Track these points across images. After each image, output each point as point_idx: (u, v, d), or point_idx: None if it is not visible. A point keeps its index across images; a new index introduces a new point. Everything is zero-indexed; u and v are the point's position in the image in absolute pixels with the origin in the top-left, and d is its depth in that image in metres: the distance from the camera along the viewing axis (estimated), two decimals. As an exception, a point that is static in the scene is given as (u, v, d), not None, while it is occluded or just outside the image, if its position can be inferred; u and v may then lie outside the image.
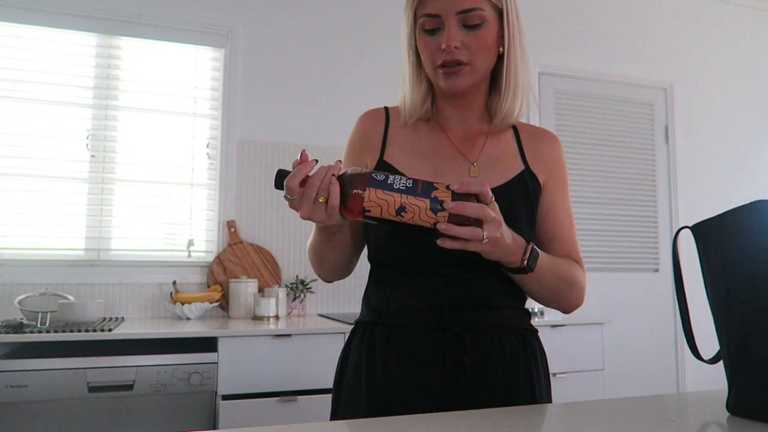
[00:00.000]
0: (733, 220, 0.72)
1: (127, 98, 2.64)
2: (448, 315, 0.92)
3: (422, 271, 0.93)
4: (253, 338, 2.05)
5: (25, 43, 2.52)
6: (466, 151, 1.00)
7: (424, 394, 0.89)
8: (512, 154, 1.02)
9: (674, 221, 3.46)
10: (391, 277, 0.97)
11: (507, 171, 0.99)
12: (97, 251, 2.53)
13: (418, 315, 0.92)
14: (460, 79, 0.93)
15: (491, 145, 1.01)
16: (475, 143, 1.01)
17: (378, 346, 0.94)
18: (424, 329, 0.92)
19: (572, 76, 3.37)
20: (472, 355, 0.90)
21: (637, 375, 3.28)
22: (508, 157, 1.01)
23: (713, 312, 0.76)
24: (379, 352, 0.93)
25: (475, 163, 0.99)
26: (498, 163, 1.00)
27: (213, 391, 1.99)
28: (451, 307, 0.92)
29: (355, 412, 0.93)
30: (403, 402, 0.89)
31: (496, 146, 1.01)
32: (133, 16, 2.63)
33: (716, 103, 3.69)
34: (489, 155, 1.00)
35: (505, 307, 0.96)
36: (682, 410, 0.82)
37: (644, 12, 3.59)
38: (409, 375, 0.90)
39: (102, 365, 1.88)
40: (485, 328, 0.93)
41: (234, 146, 2.72)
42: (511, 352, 0.94)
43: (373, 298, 0.99)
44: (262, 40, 2.82)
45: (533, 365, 0.96)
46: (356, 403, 0.94)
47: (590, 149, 3.35)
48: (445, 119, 1.03)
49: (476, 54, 0.92)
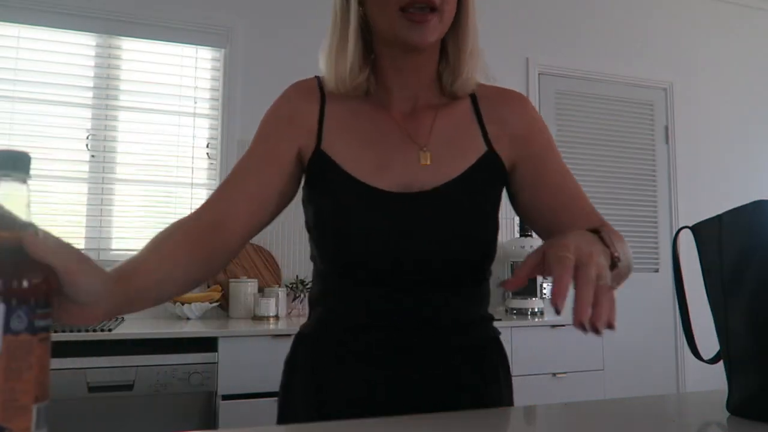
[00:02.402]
0: (733, 220, 0.72)
1: (127, 98, 2.64)
2: (395, 333, 0.81)
3: (376, 285, 0.81)
4: (253, 338, 2.05)
5: (25, 43, 2.52)
6: (413, 133, 0.84)
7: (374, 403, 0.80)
8: (470, 130, 0.86)
9: (674, 221, 3.46)
10: (342, 289, 0.83)
11: (466, 154, 0.84)
12: (97, 251, 2.53)
13: (368, 330, 0.82)
14: (429, 29, 0.76)
15: (443, 122, 0.85)
16: (423, 121, 0.85)
17: (325, 358, 0.84)
18: (374, 345, 0.81)
19: (572, 76, 3.37)
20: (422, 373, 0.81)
21: (637, 375, 3.28)
22: (465, 136, 0.85)
23: (713, 312, 0.76)
24: (326, 365, 0.84)
25: (425, 147, 0.83)
26: (453, 144, 0.84)
27: (213, 391, 1.98)
28: (399, 325, 0.81)
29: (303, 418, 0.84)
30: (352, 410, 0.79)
31: (448, 123, 0.86)
32: (133, 16, 2.63)
33: (716, 103, 3.69)
34: (442, 136, 0.84)
35: (460, 323, 0.85)
36: (682, 410, 0.82)
37: (644, 12, 3.59)
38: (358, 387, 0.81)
39: (102, 365, 1.88)
40: (436, 347, 0.82)
41: (234, 146, 2.72)
42: (464, 365, 0.84)
43: (322, 308, 0.87)
44: (262, 40, 2.82)
45: (492, 373, 0.87)
46: (306, 414, 0.84)
47: (590, 149, 3.35)
48: (387, 92, 0.86)
49: (447, 0, 0.77)
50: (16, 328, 0.46)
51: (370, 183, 0.80)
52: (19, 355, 0.46)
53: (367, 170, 0.81)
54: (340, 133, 0.84)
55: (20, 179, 0.50)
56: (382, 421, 0.69)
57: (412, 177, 0.81)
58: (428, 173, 0.81)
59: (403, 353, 0.81)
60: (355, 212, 0.79)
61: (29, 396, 0.47)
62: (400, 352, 0.81)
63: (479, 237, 0.82)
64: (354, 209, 0.79)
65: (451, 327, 0.83)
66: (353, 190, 0.80)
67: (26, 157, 0.50)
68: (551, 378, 2.49)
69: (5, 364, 0.46)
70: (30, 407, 0.47)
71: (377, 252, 0.79)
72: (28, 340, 0.47)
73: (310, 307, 0.90)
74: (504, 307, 3.01)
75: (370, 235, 0.79)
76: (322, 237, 0.82)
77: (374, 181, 0.80)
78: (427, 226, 0.79)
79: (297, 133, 0.84)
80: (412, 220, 0.79)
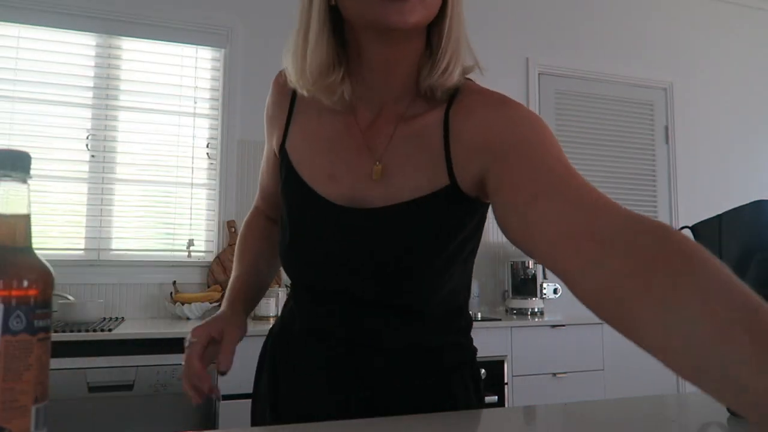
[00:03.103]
0: (733, 220, 0.72)
1: (127, 98, 2.64)
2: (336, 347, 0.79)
3: (319, 296, 0.80)
4: (253, 338, 2.04)
5: (25, 43, 2.52)
6: (371, 142, 0.76)
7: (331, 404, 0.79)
8: (432, 149, 0.73)
9: (674, 221, 3.46)
10: (295, 293, 0.87)
11: (421, 179, 0.73)
12: (97, 251, 2.53)
13: (312, 340, 0.82)
14: (409, 10, 0.64)
15: (404, 134, 0.75)
16: (384, 130, 0.76)
17: (283, 359, 0.87)
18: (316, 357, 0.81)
19: (572, 76, 3.37)
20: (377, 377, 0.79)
21: (637, 375, 3.27)
22: (425, 155, 0.73)
23: (713, 312, 0.76)
24: (285, 366, 0.86)
25: (379, 161, 0.75)
26: (410, 161, 0.74)
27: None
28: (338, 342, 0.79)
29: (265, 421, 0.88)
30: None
31: (410, 135, 0.75)
32: (133, 16, 2.63)
33: (716, 103, 3.69)
34: (399, 149, 0.75)
35: (412, 348, 0.80)
36: (682, 410, 0.82)
37: (644, 12, 3.59)
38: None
39: (102, 365, 1.88)
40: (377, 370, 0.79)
41: (234, 146, 2.72)
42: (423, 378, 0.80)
43: (286, 308, 0.92)
44: (262, 40, 2.82)
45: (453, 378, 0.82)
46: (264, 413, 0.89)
47: (590, 149, 3.35)
48: (356, 91, 0.76)
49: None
50: (15, 329, 0.46)
51: (321, 192, 0.76)
52: (18, 356, 0.46)
53: (319, 178, 0.77)
54: (302, 133, 0.81)
55: (20, 179, 0.50)
56: (379, 422, 0.69)
57: (361, 191, 0.75)
58: (377, 190, 0.74)
59: (343, 369, 0.79)
60: (302, 220, 0.78)
61: (29, 396, 0.47)
62: (340, 369, 0.79)
63: (418, 269, 0.73)
64: (302, 217, 0.78)
65: (391, 350, 0.78)
66: (304, 197, 0.78)
67: (26, 157, 0.50)
68: (551, 378, 2.49)
69: (4, 364, 0.46)
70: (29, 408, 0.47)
71: (318, 263, 0.76)
72: (27, 340, 0.47)
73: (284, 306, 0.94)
74: (504, 307, 3.01)
75: (313, 245, 0.76)
76: (281, 238, 0.82)
77: (324, 191, 0.76)
78: (369, 244, 0.74)
79: (274, 129, 0.87)
80: (352, 234, 0.74)
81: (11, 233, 0.49)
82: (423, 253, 0.73)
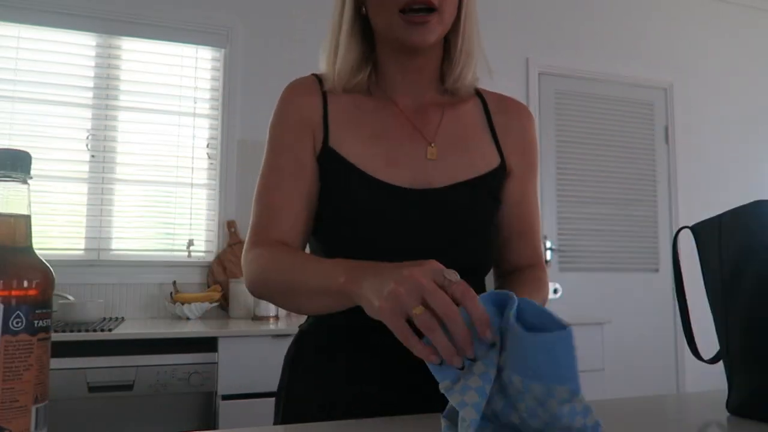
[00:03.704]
0: (733, 220, 0.72)
1: (127, 98, 2.64)
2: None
3: None
4: (253, 338, 2.04)
5: (25, 43, 2.52)
6: (421, 127, 0.85)
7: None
8: (481, 135, 0.87)
9: (674, 221, 3.46)
10: None
11: (475, 159, 0.85)
12: (97, 251, 2.53)
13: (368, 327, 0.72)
14: (428, 30, 0.77)
15: (450, 120, 0.87)
16: (431, 118, 0.86)
17: (327, 356, 0.83)
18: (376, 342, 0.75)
19: (572, 76, 3.37)
20: None
21: (637, 375, 3.28)
22: (475, 138, 0.87)
23: (713, 312, 0.76)
24: (328, 363, 0.83)
25: (433, 143, 0.84)
26: (461, 143, 0.85)
27: (213, 391, 1.98)
28: None
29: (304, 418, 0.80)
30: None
31: (456, 121, 0.87)
32: (133, 16, 2.63)
33: (716, 103, 3.69)
34: (449, 133, 0.85)
35: None
36: (682, 410, 0.82)
37: (644, 13, 3.59)
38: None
39: (102, 365, 1.88)
40: None
41: (234, 146, 2.72)
42: None
43: None
44: (262, 40, 2.82)
45: None
46: (308, 410, 0.82)
47: (590, 149, 3.35)
48: (391, 88, 0.86)
49: (446, 0, 0.78)
50: (15, 329, 0.46)
51: (381, 178, 0.80)
52: (18, 356, 0.46)
53: (377, 166, 0.80)
54: (346, 127, 0.83)
55: (20, 179, 0.50)
56: (382, 421, 0.69)
57: (420, 172, 0.81)
58: (436, 170, 0.82)
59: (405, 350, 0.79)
60: (368, 207, 0.79)
61: (29, 396, 0.47)
62: (402, 349, 0.79)
63: (481, 241, 0.83)
64: (366, 204, 0.79)
65: None
66: (365, 186, 0.79)
67: (26, 157, 0.50)
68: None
69: (4, 364, 0.46)
70: (29, 408, 0.47)
71: (387, 246, 0.78)
72: (27, 340, 0.47)
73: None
74: (504, 307, 3.01)
75: (383, 228, 0.78)
76: (333, 231, 0.81)
77: (385, 177, 0.80)
78: (437, 222, 0.79)
79: (309, 131, 0.83)
80: (422, 215, 0.79)
81: (11, 233, 0.49)
82: (481, 227, 0.83)
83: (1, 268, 0.47)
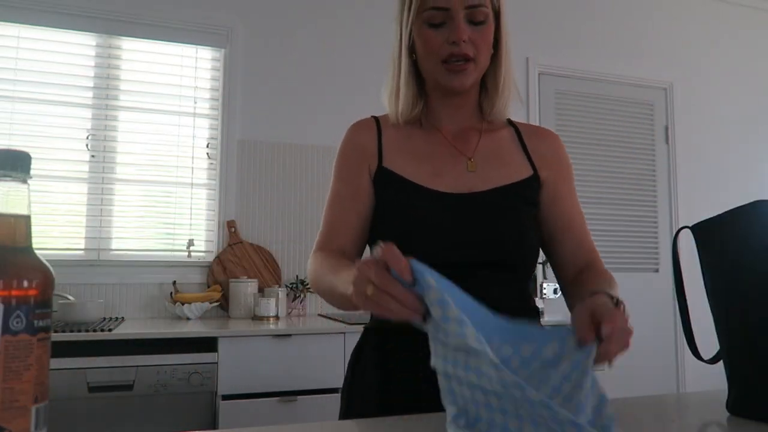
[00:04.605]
0: (733, 220, 0.72)
1: (127, 98, 2.64)
2: None
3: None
4: (253, 338, 2.04)
5: (25, 43, 2.52)
6: (461, 147, 1.00)
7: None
8: (514, 152, 1.02)
9: (674, 221, 3.46)
10: None
11: (510, 170, 0.99)
12: (97, 251, 2.53)
13: None
14: (466, 76, 0.94)
15: (487, 141, 1.02)
16: (470, 139, 1.02)
17: (388, 352, 0.93)
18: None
19: (572, 76, 3.37)
20: None
21: (637, 375, 3.28)
22: (509, 154, 1.01)
23: (713, 312, 0.76)
24: (389, 359, 0.93)
25: (472, 158, 0.99)
26: (497, 158, 1.00)
27: (213, 391, 1.99)
28: None
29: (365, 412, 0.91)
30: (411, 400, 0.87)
31: (492, 142, 1.02)
32: (133, 16, 2.63)
33: (716, 103, 3.69)
34: (486, 150, 1.00)
35: (517, 308, 0.90)
36: (682, 410, 0.82)
37: (644, 12, 3.59)
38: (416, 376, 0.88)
39: (102, 365, 1.88)
40: None
41: (234, 146, 2.72)
42: None
43: None
44: (262, 40, 2.82)
45: None
46: (367, 406, 0.93)
47: (590, 149, 3.35)
48: (437, 119, 1.03)
49: (481, 50, 0.94)
50: (15, 329, 0.46)
51: (429, 186, 0.94)
52: (18, 356, 0.46)
53: (424, 177, 0.96)
54: (398, 151, 1.00)
55: (20, 179, 0.50)
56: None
57: (461, 181, 0.96)
58: (476, 179, 0.96)
59: None
60: (418, 209, 0.93)
61: (29, 396, 0.47)
62: None
63: (517, 239, 0.93)
64: (417, 207, 0.93)
65: (507, 311, 0.87)
66: (415, 192, 0.94)
67: (26, 157, 0.50)
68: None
69: (4, 364, 0.46)
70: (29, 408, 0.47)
71: (437, 244, 0.89)
72: (27, 340, 0.47)
73: None
74: (504, 307, 3.01)
75: (432, 228, 0.91)
76: (387, 233, 0.93)
77: (431, 185, 0.94)
78: (481, 222, 0.92)
79: (364, 160, 1.00)
80: (467, 215, 0.92)
81: (11, 233, 0.49)
82: (521, 226, 0.94)
83: (1, 268, 0.47)
